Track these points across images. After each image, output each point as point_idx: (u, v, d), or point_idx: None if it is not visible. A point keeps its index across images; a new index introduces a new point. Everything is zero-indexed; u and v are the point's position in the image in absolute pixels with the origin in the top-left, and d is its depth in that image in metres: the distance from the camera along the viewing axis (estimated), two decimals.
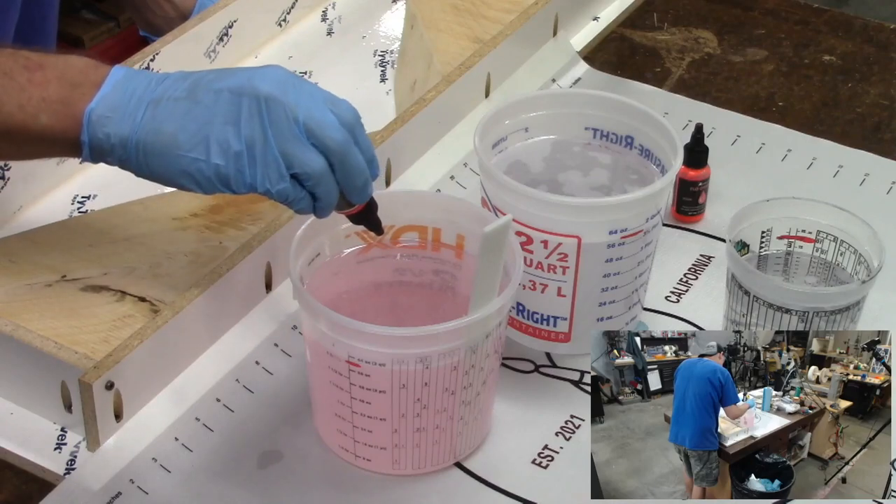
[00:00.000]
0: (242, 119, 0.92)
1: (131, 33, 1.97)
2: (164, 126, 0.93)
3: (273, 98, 0.91)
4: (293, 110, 0.92)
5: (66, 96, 0.94)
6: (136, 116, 0.93)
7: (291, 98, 0.92)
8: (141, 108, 0.93)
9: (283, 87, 0.92)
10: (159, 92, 0.94)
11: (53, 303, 1.05)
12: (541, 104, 1.12)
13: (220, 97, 0.92)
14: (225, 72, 0.95)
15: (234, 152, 0.92)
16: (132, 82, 0.95)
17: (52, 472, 0.99)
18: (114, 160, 0.96)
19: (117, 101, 0.94)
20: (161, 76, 0.95)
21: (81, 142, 0.94)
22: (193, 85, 0.94)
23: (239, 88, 0.92)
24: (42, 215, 1.19)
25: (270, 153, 0.92)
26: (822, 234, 1.08)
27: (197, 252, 1.11)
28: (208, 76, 0.94)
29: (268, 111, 0.92)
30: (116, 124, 0.93)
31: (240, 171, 0.92)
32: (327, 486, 0.99)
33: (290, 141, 0.92)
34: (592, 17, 1.51)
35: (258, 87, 0.92)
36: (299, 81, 0.94)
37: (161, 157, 0.93)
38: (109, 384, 0.98)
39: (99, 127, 0.94)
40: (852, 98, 1.42)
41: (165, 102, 0.93)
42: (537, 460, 1.02)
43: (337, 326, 0.93)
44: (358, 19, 1.50)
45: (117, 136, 0.93)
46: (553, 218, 1.02)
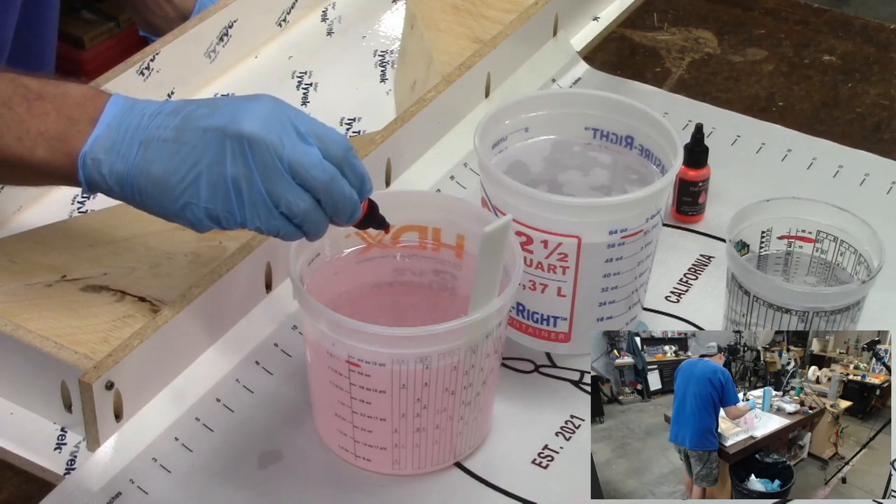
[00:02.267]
0: (227, 160, 0.91)
1: (131, 33, 1.97)
2: (154, 169, 0.92)
3: (257, 139, 0.91)
4: (278, 150, 0.91)
5: (63, 132, 0.93)
6: (129, 157, 0.93)
7: (275, 137, 0.91)
8: (133, 148, 0.93)
9: (268, 124, 0.91)
10: (151, 131, 0.93)
11: (53, 303, 1.05)
12: (541, 104, 1.12)
13: (205, 137, 0.92)
14: (215, 105, 0.94)
15: (222, 194, 0.92)
16: (127, 118, 0.94)
17: (52, 472, 0.99)
18: (114, 196, 0.96)
19: (112, 140, 0.93)
20: (155, 109, 0.94)
21: (79, 180, 0.94)
22: (182, 123, 0.93)
23: (223, 128, 0.91)
24: (42, 215, 1.19)
25: (257, 193, 0.92)
26: (822, 234, 1.08)
27: (197, 252, 1.11)
28: (198, 111, 0.93)
29: (251, 152, 0.91)
30: (110, 165, 0.93)
31: (229, 211, 0.92)
32: (327, 486, 0.99)
33: (275, 181, 0.91)
34: (592, 17, 1.51)
35: (243, 127, 0.91)
36: (286, 115, 0.92)
37: (154, 197, 0.93)
38: (109, 384, 0.98)
39: (94, 169, 0.93)
40: (852, 98, 1.42)
41: (155, 143, 0.93)
42: (537, 460, 1.02)
43: (337, 326, 0.93)
44: (358, 19, 1.50)
45: (113, 176, 0.93)
46: (553, 218, 1.02)
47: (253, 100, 0.93)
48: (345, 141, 0.94)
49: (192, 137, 0.92)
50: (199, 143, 0.92)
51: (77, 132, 0.93)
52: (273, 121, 0.92)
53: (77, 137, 0.93)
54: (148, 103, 0.95)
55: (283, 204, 0.92)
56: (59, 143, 0.93)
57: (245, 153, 0.91)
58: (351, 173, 0.94)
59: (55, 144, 0.93)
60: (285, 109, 0.93)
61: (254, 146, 0.91)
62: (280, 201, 0.92)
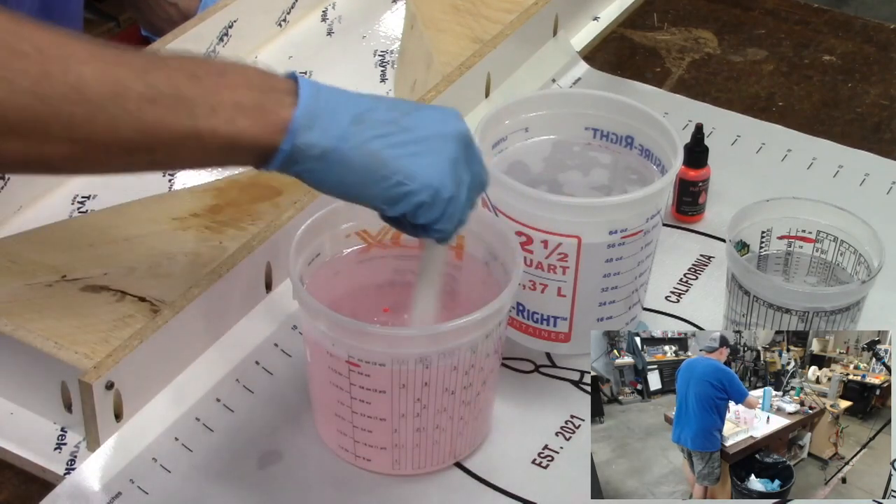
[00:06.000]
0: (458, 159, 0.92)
1: (131, 33, 1.97)
2: (372, 145, 0.90)
3: (470, 136, 0.93)
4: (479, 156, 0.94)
5: (260, 102, 0.89)
6: (340, 130, 0.90)
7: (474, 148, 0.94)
8: (345, 122, 0.90)
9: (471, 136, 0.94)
10: (362, 107, 0.91)
11: (53, 303, 1.05)
12: (541, 104, 1.12)
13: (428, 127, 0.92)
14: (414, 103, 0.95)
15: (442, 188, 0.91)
16: (322, 92, 0.91)
17: (52, 472, 0.99)
18: (300, 169, 0.91)
19: (319, 110, 0.90)
20: (347, 91, 0.93)
21: (279, 149, 0.89)
22: (392, 107, 0.92)
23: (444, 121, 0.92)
24: (42, 215, 1.19)
25: (466, 196, 0.92)
26: (822, 234, 1.08)
27: (197, 252, 1.11)
28: (405, 104, 0.93)
29: (471, 154, 0.93)
30: (319, 136, 0.89)
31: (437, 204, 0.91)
32: (327, 486, 0.99)
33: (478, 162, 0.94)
34: (592, 17, 1.51)
35: (460, 126, 0.92)
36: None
37: (362, 175, 0.90)
38: (109, 384, 0.98)
39: (304, 136, 0.89)
40: (852, 98, 1.42)
41: (370, 123, 0.91)
42: (537, 460, 1.02)
43: (337, 326, 0.93)
44: (358, 19, 1.50)
45: (320, 146, 0.89)
46: (553, 218, 1.02)
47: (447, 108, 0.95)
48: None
49: (409, 122, 0.91)
50: (423, 131, 0.91)
51: (277, 101, 0.89)
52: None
53: (279, 106, 0.89)
54: (334, 87, 0.93)
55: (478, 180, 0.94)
56: (261, 112, 0.89)
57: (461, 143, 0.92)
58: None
59: (255, 113, 0.89)
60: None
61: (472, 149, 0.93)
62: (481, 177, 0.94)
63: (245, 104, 0.88)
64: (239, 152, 0.90)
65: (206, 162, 0.94)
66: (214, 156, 0.90)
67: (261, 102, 0.89)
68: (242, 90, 0.89)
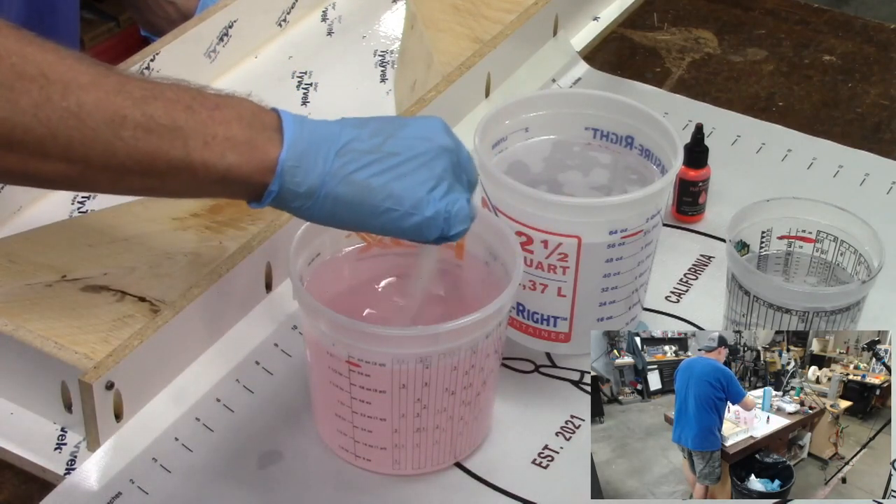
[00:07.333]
0: (446, 170, 0.92)
1: (131, 33, 1.97)
2: (357, 177, 0.91)
3: (457, 146, 0.94)
4: (468, 162, 0.95)
5: (250, 138, 0.90)
6: (326, 166, 0.91)
7: (463, 152, 0.95)
8: (330, 157, 0.91)
9: (457, 141, 0.94)
10: (343, 140, 0.92)
11: (53, 303, 1.05)
12: (541, 104, 1.12)
13: (412, 147, 0.92)
14: (397, 120, 0.94)
15: (434, 201, 0.92)
16: (307, 128, 0.92)
17: (52, 472, 0.99)
18: (293, 208, 0.92)
19: (303, 149, 0.91)
20: (327, 122, 0.94)
21: (269, 190, 0.91)
22: (375, 133, 0.92)
23: (427, 138, 0.93)
24: (42, 215, 1.19)
25: (466, 200, 0.93)
26: (822, 234, 1.08)
27: (197, 252, 1.11)
28: (387, 126, 0.93)
29: (458, 163, 0.93)
30: (305, 174, 0.90)
31: (434, 221, 0.92)
32: (327, 486, 0.99)
33: (469, 163, 0.95)
34: (592, 17, 1.51)
35: (445, 140, 0.93)
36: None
37: (352, 207, 0.91)
38: (109, 384, 0.98)
39: (290, 176, 0.90)
40: (852, 98, 1.42)
41: (353, 154, 0.91)
42: (537, 460, 1.02)
43: (337, 326, 0.93)
44: (358, 19, 1.50)
45: (306, 185, 0.91)
46: (553, 218, 1.02)
47: (431, 119, 0.95)
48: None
49: (398, 146, 0.92)
50: (407, 152, 0.92)
51: (267, 139, 0.91)
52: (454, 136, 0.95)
53: (268, 144, 0.91)
54: (316, 120, 0.94)
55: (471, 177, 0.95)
56: (250, 150, 0.90)
57: (453, 164, 0.93)
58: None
59: (245, 150, 0.90)
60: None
61: (461, 159, 0.94)
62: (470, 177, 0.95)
63: (236, 139, 0.90)
64: (231, 186, 0.91)
65: (201, 192, 0.95)
66: (207, 187, 0.92)
67: (250, 138, 0.90)
68: (234, 125, 0.90)
